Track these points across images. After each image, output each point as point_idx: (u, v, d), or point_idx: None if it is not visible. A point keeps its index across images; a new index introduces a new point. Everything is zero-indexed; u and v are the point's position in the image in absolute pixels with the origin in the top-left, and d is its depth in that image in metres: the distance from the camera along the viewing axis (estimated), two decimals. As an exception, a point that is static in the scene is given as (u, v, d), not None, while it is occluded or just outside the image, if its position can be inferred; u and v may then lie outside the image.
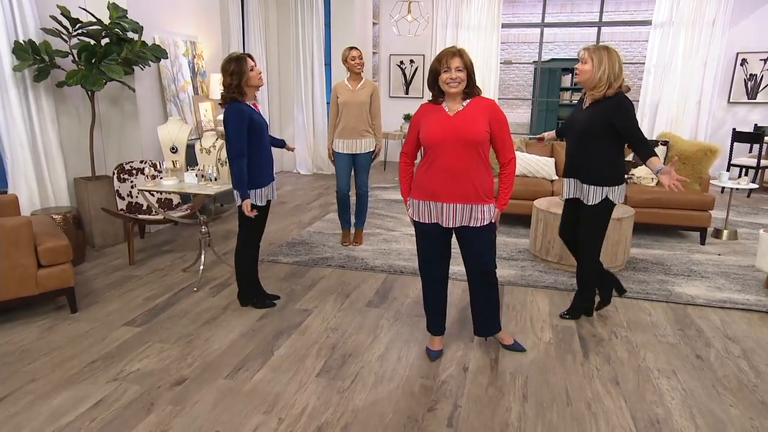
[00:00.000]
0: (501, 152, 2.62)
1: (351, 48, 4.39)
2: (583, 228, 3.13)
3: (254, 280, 3.44)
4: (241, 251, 3.32)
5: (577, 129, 3.02)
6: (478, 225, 2.61)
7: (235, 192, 3.10)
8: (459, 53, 2.47)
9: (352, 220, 4.79)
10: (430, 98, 2.64)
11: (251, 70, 3.06)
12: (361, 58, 4.38)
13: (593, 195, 3.02)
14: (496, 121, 2.54)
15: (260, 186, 3.15)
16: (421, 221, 2.67)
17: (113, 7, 4.19)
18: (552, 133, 3.43)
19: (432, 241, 2.71)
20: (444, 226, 2.64)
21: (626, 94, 2.93)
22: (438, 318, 2.89)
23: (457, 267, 4.16)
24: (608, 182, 2.98)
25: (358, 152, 4.48)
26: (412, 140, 2.69)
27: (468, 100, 2.55)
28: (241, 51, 6.89)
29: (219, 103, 3.19)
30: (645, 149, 2.89)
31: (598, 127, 2.92)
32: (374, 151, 4.56)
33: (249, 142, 3.06)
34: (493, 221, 2.64)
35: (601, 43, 2.97)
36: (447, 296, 2.90)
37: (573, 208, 3.22)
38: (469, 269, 2.76)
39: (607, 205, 3.03)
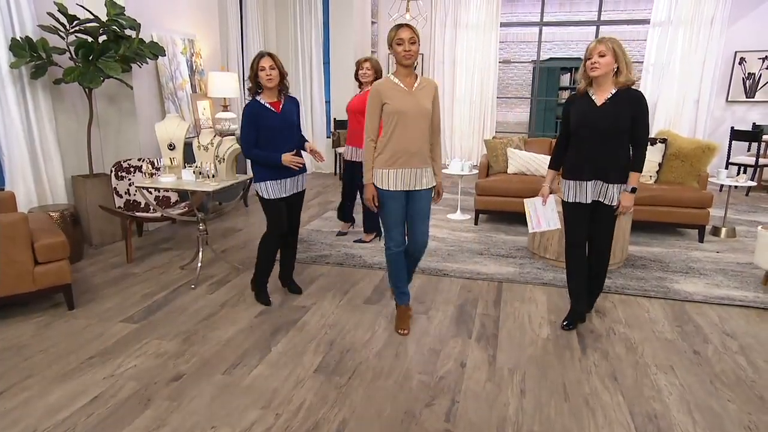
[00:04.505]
0: None
1: (399, 26, 2.75)
2: (604, 230, 3.04)
3: (263, 271, 3.45)
4: (264, 236, 3.41)
5: (601, 127, 2.83)
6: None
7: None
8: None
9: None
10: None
11: (261, 69, 3.16)
12: (414, 42, 2.73)
13: (616, 194, 2.93)
14: None
15: (269, 179, 3.25)
16: None
17: (111, 4, 4.18)
18: (547, 186, 3.18)
19: None
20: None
21: None
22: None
23: (455, 265, 4.17)
24: (627, 178, 2.92)
25: (418, 188, 2.92)
26: None
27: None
28: (241, 50, 6.93)
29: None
30: (641, 157, 2.87)
31: (626, 122, 2.80)
32: (436, 187, 3.04)
33: (258, 138, 3.20)
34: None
35: (604, 36, 2.91)
36: None
37: (586, 212, 3.02)
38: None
39: None
